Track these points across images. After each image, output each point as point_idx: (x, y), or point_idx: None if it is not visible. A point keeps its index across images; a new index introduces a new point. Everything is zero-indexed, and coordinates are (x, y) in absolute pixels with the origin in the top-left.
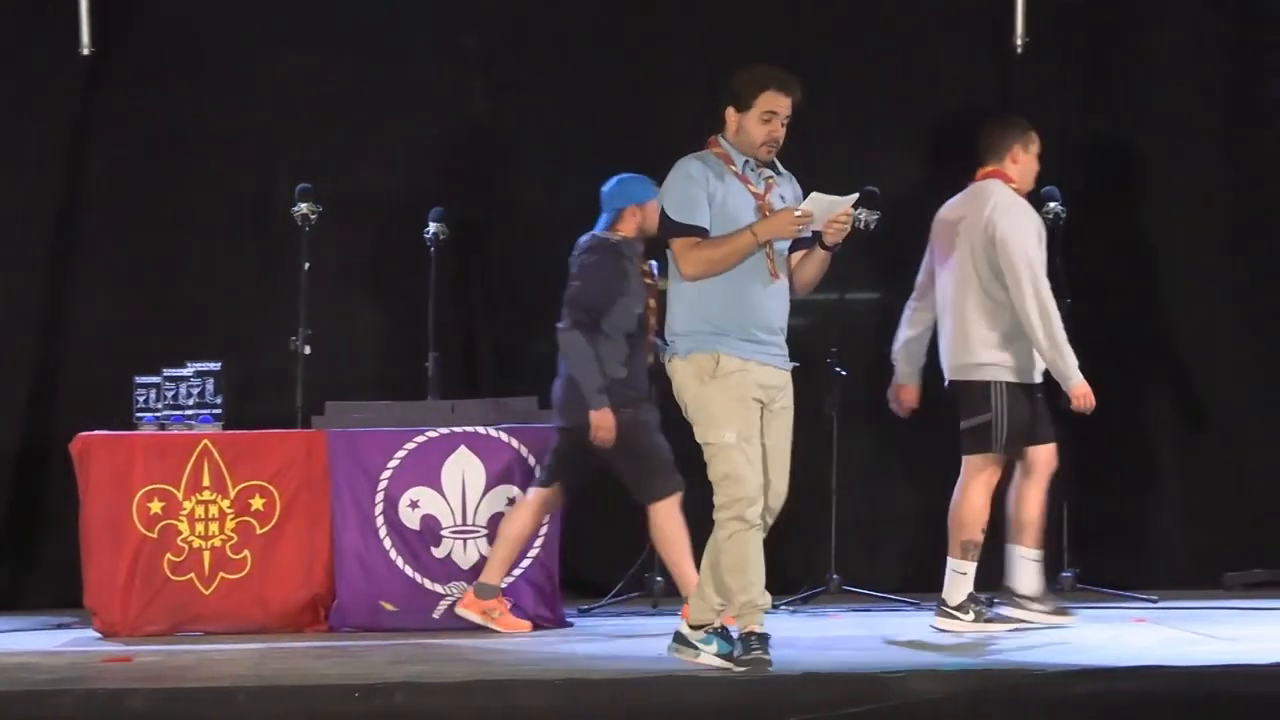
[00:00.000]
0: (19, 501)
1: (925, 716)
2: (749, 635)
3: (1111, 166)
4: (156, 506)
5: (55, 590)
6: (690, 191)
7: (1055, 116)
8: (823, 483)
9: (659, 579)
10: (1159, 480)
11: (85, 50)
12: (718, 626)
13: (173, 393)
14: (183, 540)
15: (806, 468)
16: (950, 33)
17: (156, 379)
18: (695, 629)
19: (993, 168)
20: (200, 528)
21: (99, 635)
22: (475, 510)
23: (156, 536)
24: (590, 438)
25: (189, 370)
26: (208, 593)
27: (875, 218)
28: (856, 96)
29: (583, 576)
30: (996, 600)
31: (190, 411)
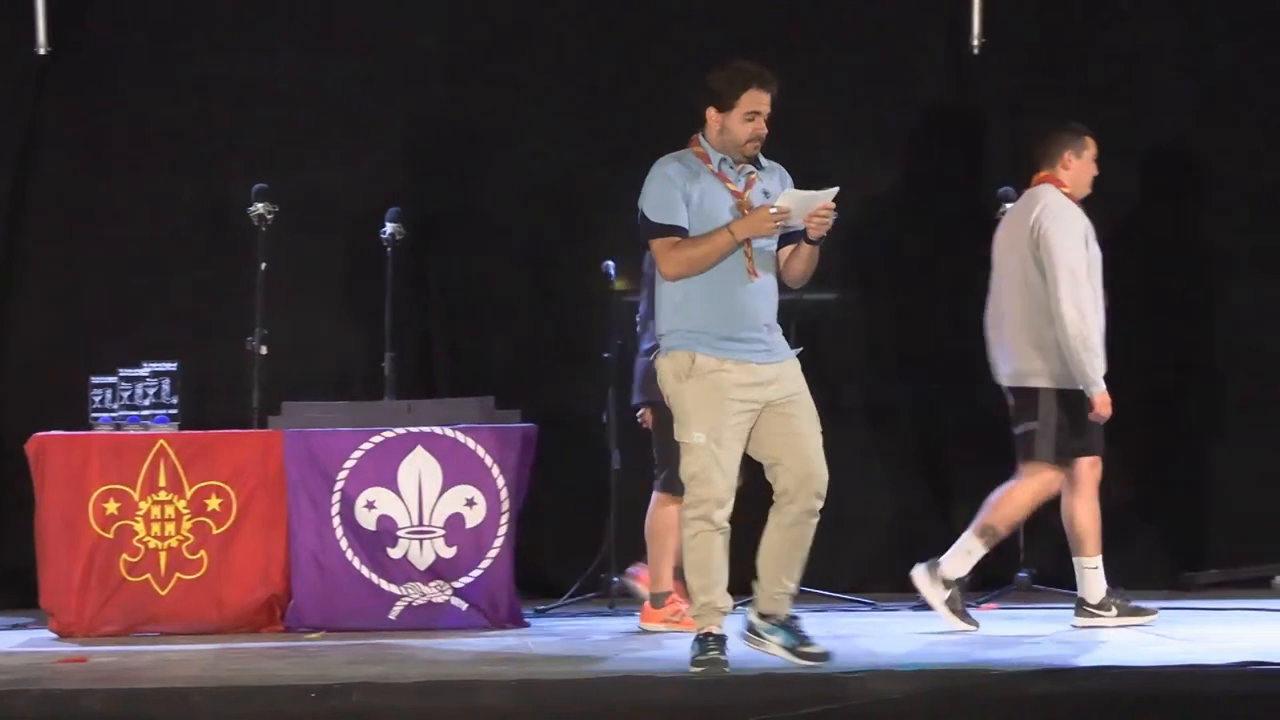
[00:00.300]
0: None
1: (883, 716)
2: (707, 636)
3: None
4: (113, 507)
5: (11, 591)
6: (667, 192)
7: (1009, 116)
8: None
9: (615, 579)
10: (1115, 481)
11: (41, 50)
12: (784, 617)
13: (129, 393)
14: (139, 541)
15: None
16: (913, 33)
17: (112, 379)
18: (763, 618)
19: (1045, 173)
20: (156, 528)
21: (55, 636)
22: (432, 511)
23: (112, 537)
24: None
25: (145, 370)
26: (164, 593)
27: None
28: (823, 97)
29: (539, 577)
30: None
31: (146, 412)
